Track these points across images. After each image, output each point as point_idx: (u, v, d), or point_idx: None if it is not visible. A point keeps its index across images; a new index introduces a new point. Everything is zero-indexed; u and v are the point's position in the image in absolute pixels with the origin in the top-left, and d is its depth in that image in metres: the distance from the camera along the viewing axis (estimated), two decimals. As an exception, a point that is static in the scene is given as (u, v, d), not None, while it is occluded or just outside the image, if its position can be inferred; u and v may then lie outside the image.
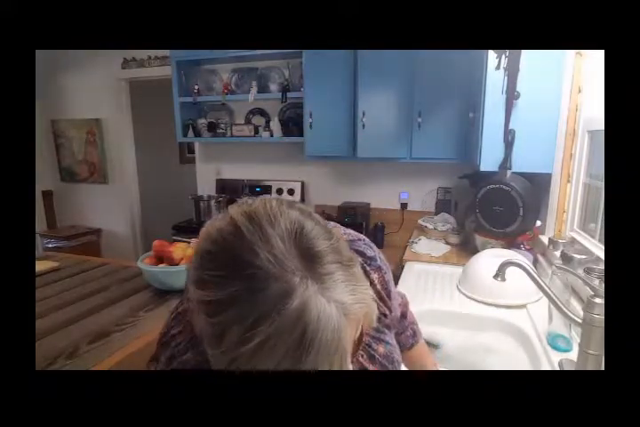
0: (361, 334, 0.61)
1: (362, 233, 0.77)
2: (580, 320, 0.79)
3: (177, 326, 0.55)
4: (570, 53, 1.49)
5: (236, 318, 0.33)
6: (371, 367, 0.63)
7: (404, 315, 0.86)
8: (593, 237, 1.34)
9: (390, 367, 0.65)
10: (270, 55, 2.60)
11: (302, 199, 2.78)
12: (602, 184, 1.30)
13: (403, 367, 0.72)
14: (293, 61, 2.62)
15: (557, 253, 1.37)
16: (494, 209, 1.63)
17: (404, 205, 2.55)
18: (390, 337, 0.68)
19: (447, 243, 2.09)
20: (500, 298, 1.33)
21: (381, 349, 0.66)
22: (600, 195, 1.31)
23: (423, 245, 2.04)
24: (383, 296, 0.69)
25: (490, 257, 1.40)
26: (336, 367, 0.35)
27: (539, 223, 1.69)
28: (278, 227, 0.36)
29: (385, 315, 0.69)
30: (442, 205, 2.48)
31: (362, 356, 0.63)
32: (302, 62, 2.37)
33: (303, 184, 2.81)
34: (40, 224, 3.71)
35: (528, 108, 1.54)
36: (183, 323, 0.53)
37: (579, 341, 0.81)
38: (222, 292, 0.34)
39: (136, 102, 3.59)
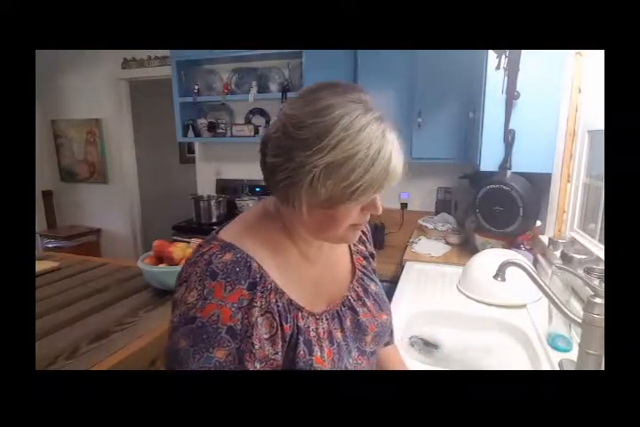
0: (353, 262, 0.73)
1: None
2: (579, 320, 0.79)
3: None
4: (570, 53, 1.49)
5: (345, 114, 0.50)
6: (367, 302, 0.69)
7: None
8: (593, 237, 1.34)
9: (382, 306, 0.72)
10: (270, 55, 2.59)
11: (302, 199, 2.78)
12: (602, 184, 1.30)
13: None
14: (293, 61, 2.61)
15: (557, 253, 1.37)
16: (494, 209, 1.63)
17: (404, 205, 2.55)
18: (377, 281, 0.76)
19: (447, 243, 2.09)
20: (500, 298, 1.32)
21: (373, 286, 0.73)
22: (600, 195, 1.31)
23: (423, 245, 2.04)
24: (369, 239, 0.79)
25: (490, 257, 1.40)
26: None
27: (539, 223, 1.69)
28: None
29: (372, 256, 0.79)
30: (442, 205, 2.47)
31: (358, 287, 0.70)
32: (302, 62, 2.37)
33: (303, 184, 2.81)
34: (40, 224, 3.71)
35: (528, 108, 1.54)
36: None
37: (579, 341, 0.81)
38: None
39: (136, 102, 3.59)
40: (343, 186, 0.50)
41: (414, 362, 1.04)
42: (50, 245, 3.53)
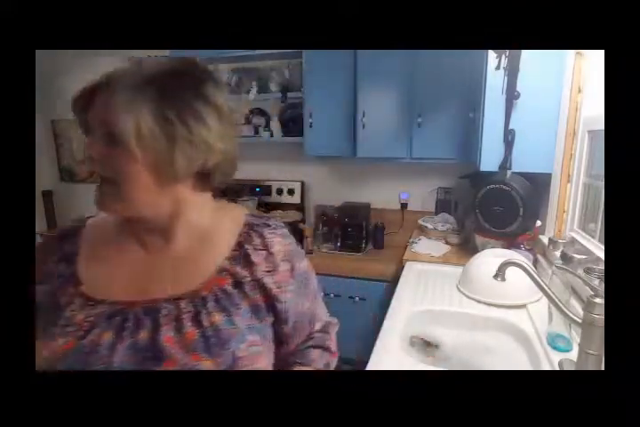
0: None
1: (362, 233, 0.79)
2: (579, 320, 0.79)
3: None
4: (570, 53, 1.49)
5: None
6: (188, 329, 0.54)
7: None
8: (593, 237, 1.34)
9: (214, 350, 0.53)
10: (270, 55, 2.59)
11: (302, 199, 2.78)
12: (602, 184, 1.30)
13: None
14: (293, 61, 2.61)
15: (557, 253, 1.37)
16: (494, 209, 1.63)
17: (404, 205, 2.55)
18: (240, 319, 0.57)
19: (447, 243, 2.09)
20: (500, 298, 1.32)
21: (217, 317, 0.56)
22: (600, 195, 1.31)
23: (423, 245, 2.04)
24: (277, 268, 0.63)
25: (490, 257, 1.40)
26: None
27: (539, 223, 1.69)
28: None
29: (262, 287, 0.60)
30: (442, 205, 2.47)
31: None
32: (302, 62, 2.37)
33: (303, 184, 2.81)
34: (40, 224, 3.70)
35: (528, 108, 1.54)
36: None
37: (579, 341, 0.81)
38: None
39: (136, 102, 3.59)
40: None
41: (414, 362, 1.04)
42: (50, 246, 3.52)
